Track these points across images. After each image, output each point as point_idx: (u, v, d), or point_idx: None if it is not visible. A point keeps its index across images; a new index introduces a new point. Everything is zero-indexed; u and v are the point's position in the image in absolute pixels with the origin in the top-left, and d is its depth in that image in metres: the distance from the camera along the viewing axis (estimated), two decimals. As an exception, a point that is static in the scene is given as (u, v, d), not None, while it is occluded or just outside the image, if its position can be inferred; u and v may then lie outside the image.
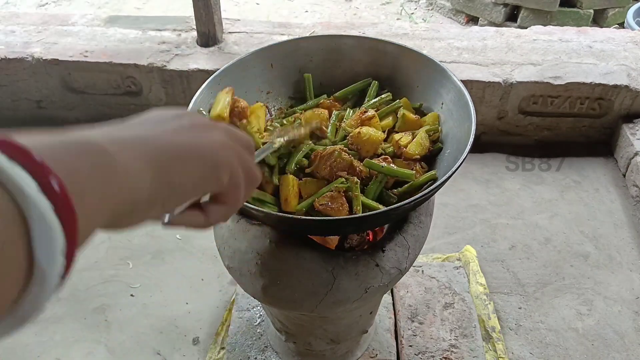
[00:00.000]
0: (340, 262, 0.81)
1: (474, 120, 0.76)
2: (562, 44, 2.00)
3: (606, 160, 1.90)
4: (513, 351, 1.34)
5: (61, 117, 2.04)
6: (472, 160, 1.88)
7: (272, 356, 1.24)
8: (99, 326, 1.40)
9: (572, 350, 1.34)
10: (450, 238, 1.63)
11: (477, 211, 1.72)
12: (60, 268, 0.27)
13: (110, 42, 1.99)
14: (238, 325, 1.31)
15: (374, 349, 1.23)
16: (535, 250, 1.59)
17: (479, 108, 1.86)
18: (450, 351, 1.26)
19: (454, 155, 0.77)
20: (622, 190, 1.78)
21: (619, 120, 1.87)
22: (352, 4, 3.89)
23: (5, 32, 2.04)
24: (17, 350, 1.35)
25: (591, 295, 1.47)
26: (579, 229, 1.66)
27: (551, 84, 1.80)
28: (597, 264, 1.55)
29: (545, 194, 1.78)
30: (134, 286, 1.50)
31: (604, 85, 1.80)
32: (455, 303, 1.37)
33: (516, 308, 1.44)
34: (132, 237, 1.63)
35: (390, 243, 0.85)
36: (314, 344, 1.08)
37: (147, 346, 1.36)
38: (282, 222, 0.76)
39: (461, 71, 1.83)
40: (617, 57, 1.92)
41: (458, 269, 1.46)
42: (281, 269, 0.80)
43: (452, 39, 2.02)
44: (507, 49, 1.97)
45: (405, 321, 1.31)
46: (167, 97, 1.96)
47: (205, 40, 1.97)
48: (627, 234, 1.64)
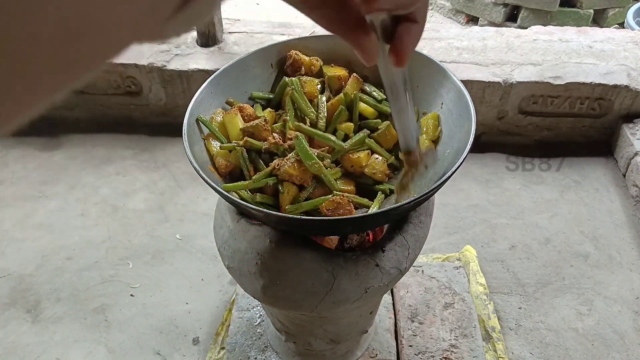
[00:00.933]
0: (340, 262, 0.81)
1: (474, 120, 0.76)
2: (562, 44, 2.00)
3: (606, 160, 1.90)
4: (513, 351, 1.34)
5: (61, 117, 2.04)
6: (472, 160, 1.88)
7: (272, 356, 1.24)
8: (99, 326, 1.40)
9: (572, 350, 1.34)
10: (450, 238, 1.63)
11: (477, 211, 1.72)
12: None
13: (110, 42, 1.99)
14: (238, 325, 1.31)
15: (374, 349, 1.23)
16: (535, 250, 1.59)
17: (479, 108, 1.86)
18: (450, 351, 1.26)
19: (454, 155, 0.77)
20: (622, 190, 1.78)
21: (619, 120, 1.87)
22: (352, 4, 3.88)
23: (5, 32, 2.04)
24: (17, 350, 1.35)
25: (591, 295, 1.47)
26: (579, 229, 1.66)
27: (551, 84, 1.80)
28: (597, 264, 1.55)
29: (545, 194, 1.78)
30: (134, 286, 1.50)
31: (604, 85, 1.80)
32: (455, 303, 1.37)
33: (516, 308, 1.44)
34: (132, 237, 1.64)
35: (390, 243, 0.85)
36: (314, 344, 1.08)
37: (147, 346, 1.36)
38: (282, 222, 0.76)
39: (461, 71, 1.83)
40: (617, 57, 1.92)
41: (458, 269, 1.46)
42: (281, 269, 0.80)
43: (452, 39, 2.02)
44: (507, 49, 1.97)
45: (405, 321, 1.31)
46: (167, 97, 1.96)
47: (205, 40, 1.97)
48: (627, 234, 1.64)
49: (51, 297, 1.47)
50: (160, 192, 1.80)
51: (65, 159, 1.93)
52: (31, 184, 1.83)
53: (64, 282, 1.50)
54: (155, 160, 1.92)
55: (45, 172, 1.88)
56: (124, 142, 1.99)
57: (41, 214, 1.73)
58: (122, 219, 1.70)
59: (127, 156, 1.94)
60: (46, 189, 1.81)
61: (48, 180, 1.85)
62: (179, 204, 1.74)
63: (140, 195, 1.79)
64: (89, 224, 1.69)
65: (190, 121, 0.79)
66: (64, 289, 1.49)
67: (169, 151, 1.95)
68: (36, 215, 1.72)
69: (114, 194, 1.79)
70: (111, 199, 1.77)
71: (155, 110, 2.00)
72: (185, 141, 0.75)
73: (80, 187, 1.82)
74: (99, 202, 1.76)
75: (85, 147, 1.97)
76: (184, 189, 1.81)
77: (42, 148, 1.97)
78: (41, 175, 1.87)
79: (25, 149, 1.97)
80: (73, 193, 1.80)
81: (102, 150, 1.96)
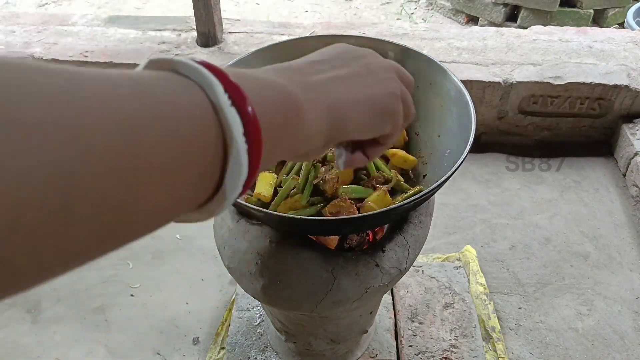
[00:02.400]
0: (340, 262, 0.81)
1: (474, 120, 0.76)
2: (562, 44, 2.00)
3: (606, 160, 1.90)
4: (513, 351, 1.34)
5: (61, 117, 2.04)
6: (472, 160, 1.88)
7: (272, 356, 1.24)
8: (99, 326, 1.40)
9: (572, 350, 1.34)
10: (450, 238, 1.63)
11: (477, 211, 1.72)
12: (237, 195, 0.31)
13: (110, 42, 1.99)
14: (238, 325, 1.31)
15: (374, 349, 1.23)
16: (535, 250, 1.59)
17: (479, 108, 1.86)
18: (450, 351, 1.26)
19: (454, 155, 0.76)
20: (622, 190, 1.78)
21: (619, 120, 1.87)
22: (352, 4, 3.89)
23: (5, 32, 2.04)
24: (17, 350, 1.35)
25: (591, 295, 1.47)
26: (578, 229, 1.66)
27: (551, 84, 1.80)
28: (597, 264, 1.55)
29: (545, 194, 1.78)
30: (134, 286, 1.50)
31: (604, 85, 1.80)
32: (455, 303, 1.37)
33: (516, 308, 1.44)
34: (132, 237, 1.63)
35: (390, 243, 0.85)
36: (314, 344, 1.08)
37: (147, 346, 1.36)
38: (282, 222, 0.76)
39: (461, 71, 1.83)
40: (617, 57, 1.92)
41: (458, 269, 1.46)
42: (281, 269, 0.80)
43: (452, 39, 2.02)
44: (507, 49, 1.97)
45: (405, 321, 1.31)
46: (167, 97, 1.96)
47: (205, 40, 1.97)
48: (627, 234, 1.64)
49: (51, 297, 1.47)
50: (160, 192, 1.79)
51: (65, 159, 1.93)
52: (31, 184, 1.83)
53: (64, 282, 1.50)
54: (155, 160, 1.92)
55: (45, 172, 1.88)
56: (124, 142, 1.99)
57: (41, 214, 1.72)
58: (122, 219, 1.70)
59: (127, 156, 1.94)
60: (46, 189, 1.81)
61: (48, 180, 1.85)
62: (179, 204, 1.74)
63: (140, 195, 1.78)
64: (89, 224, 1.68)
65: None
66: (64, 289, 1.49)
67: (169, 151, 1.95)
68: (36, 215, 1.72)
69: (114, 194, 1.79)
70: (111, 199, 1.77)
71: (155, 110, 2.00)
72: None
73: (80, 187, 1.82)
74: (99, 202, 1.76)
75: (85, 147, 1.97)
76: (184, 189, 1.80)
77: (42, 148, 1.97)
78: (41, 175, 1.87)
79: (25, 149, 1.97)
80: (73, 193, 1.80)
81: (102, 150, 1.96)
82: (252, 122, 0.29)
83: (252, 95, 0.30)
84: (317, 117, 0.36)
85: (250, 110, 0.29)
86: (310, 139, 0.37)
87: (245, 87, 0.30)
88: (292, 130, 0.34)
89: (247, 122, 0.29)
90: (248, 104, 0.29)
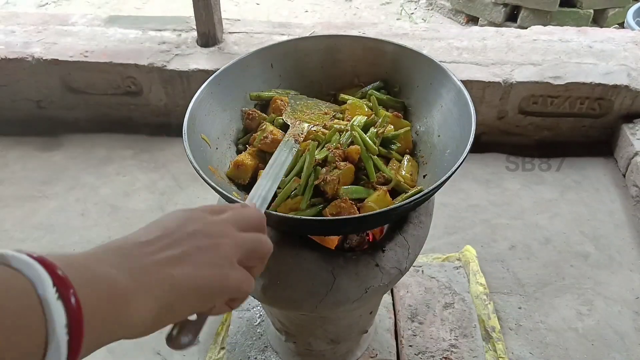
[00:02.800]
0: (340, 262, 0.81)
1: (474, 120, 0.76)
2: (562, 44, 2.00)
3: (606, 160, 1.90)
4: (513, 351, 1.33)
5: (61, 117, 2.04)
6: (472, 160, 1.88)
7: (272, 356, 1.24)
8: (99, 326, 1.40)
9: (572, 350, 1.34)
10: (450, 238, 1.63)
11: (477, 211, 1.72)
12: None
13: (110, 42, 1.99)
14: (238, 325, 1.31)
15: (374, 349, 1.23)
16: (535, 250, 1.59)
17: (479, 108, 1.86)
18: (450, 351, 1.26)
19: (454, 155, 0.77)
20: (622, 190, 1.78)
21: (619, 120, 1.87)
22: (352, 4, 3.89)
23: (5, 32, 2.04)
24: (17, 350, 1.35)
25: (591, 295, 1.47)
26: (579, 229, 1.66)
27: (551, 84, 1.80)
28: (597, 264, 1.55)
29: (545, 194, 1.78)
30: (134, 286, 1.50)
31: (604, 85, 1.80)
32: (455, 303, 1.37)
33: (516, 308, 1.44)
34: (132, 237, 1.63)
35: (390, 243, 0.85)
36: (314, 344, 1.08)
37: (147, 346, 1.36)
38: (282, 222, 0.76)
39: (461, 71, 1.83)
40: (617, 57, 1.92)
41: (458, 269, 1.46)
42: (281, 269, 0.80)
43: (452, 39, 2.02)
44: (507, 49, 1.97)
45: (405, 321, 1.31)
46: (167, 97, 1.96)
47: (205, 41, 1.97)
48: (627, 234, 1.64)
49: (51, 297, 1.47)
50: (160, 192, 1.80)
51: (65, 159, 1.93)
52: (31, 184, 1.83)
53: (64, 282, 1.50)
54: (155, 161, 1.92)
55: (45, 172, 1.88)
56: (124, 142, 1.99)
57: (41, 214, 1.73)
58: (122, 219, 1.70)
59: (127, 156, 1.94)
60: (46, 189, 1.81)
61: (48, 180, 1.85)
62: (179, 204, 1.74)
63: (140, 195, 1.79)
64: (89, 224, 1.69)
65: (190, 121, 0.79)
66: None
67: (169, 151, 1.95)
68: (36, 215, 1.72)
69: (114, 194, 1.79)
70: (111, 199, 1.77)
71: (155, 110, 2.00)
72: (185, 141, 0.75)
73: (80, 187, 1.82)
74: (99, 202, 1.76)
75: (85, 147, 1.97)
76: (184, 189, 1.81)
77: (42, 148, 1.97)
78: (41, 175, 1.87)
79: (25, 149, 1.97)
80: (73, 193, 1.80)
81: (102, 150, 1.96)
82: (76, 314, 0.33)
83: (80, 287, 0.33)
84: (144, 305, 0.39)
85: (74, 302, 0.32)
86: (135, 327, 0.39)
87: (75, 278, 0.33)
88: (117, 319, 0.37)
89: (71, 313, 0.32)
90: (72, 295, 0.32)
